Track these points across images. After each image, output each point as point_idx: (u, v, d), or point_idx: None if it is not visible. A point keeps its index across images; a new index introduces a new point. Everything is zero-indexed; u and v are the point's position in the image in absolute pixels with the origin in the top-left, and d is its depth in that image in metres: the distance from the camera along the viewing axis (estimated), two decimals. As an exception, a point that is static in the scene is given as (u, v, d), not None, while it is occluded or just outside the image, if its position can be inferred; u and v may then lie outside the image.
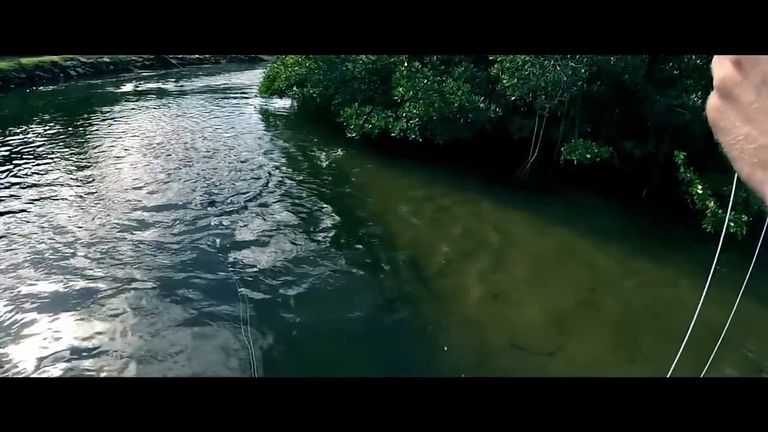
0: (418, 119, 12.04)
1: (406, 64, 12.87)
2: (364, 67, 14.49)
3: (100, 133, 14.88)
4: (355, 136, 12.96)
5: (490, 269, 7.73)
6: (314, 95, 15.68)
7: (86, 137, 14.31)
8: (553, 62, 10.07)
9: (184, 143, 13.94)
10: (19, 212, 8.69)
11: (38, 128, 14.93)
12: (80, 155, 12.40)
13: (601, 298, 7.16)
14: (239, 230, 8.41)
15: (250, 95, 21.92)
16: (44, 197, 9.41)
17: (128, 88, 24.05)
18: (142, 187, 10.20)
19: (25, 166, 11.26)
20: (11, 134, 14.00)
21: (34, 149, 12.61)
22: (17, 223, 8.26)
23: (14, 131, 14.37)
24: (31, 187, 9.99)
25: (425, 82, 12.12)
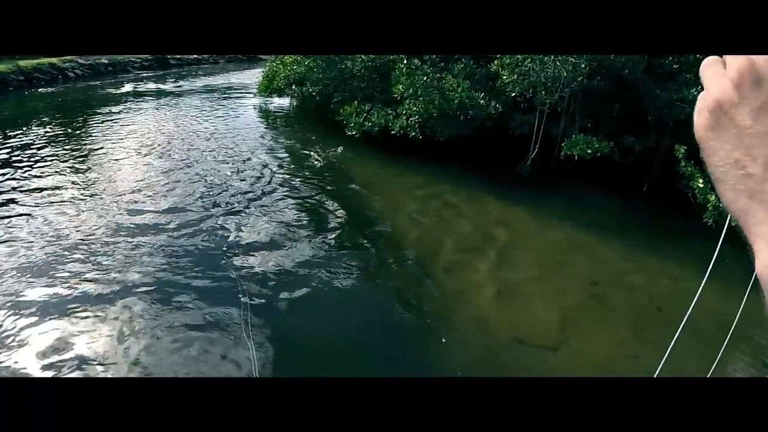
0: (418, 116, 12.02)
1: (405, 61, 12.85)
2: (363, 65, 14.46)
3: (100, 134, 14.88)
4: (355, 134, 12.95)
5: (493, 265, 7.74)
6: (313, 93, 15.66)
7: (86, 139, 14.31)
8: (553, 58, 10.05)
9: (184, 143, 13.94)
10: (20, 215, 8.68)
11: (38, 130, 14.94)
12: (80, 157, 12.40)
13: (604, 292, 7.17)
14: (242, 230, 8.41)
15: (249, 94, 21.90)
16: (45, 199, 9.41)
17: (127, 88, 24.04)
18: (143, 189, 10.20)
19: (25, 168, 11.26)
20: (11, 137, 13.99)
21: (34, 152, 12.61)
22: (18, 225, 8.26)
23: (13, 134, 14.36)
24: (31, 189, 9.97)
25: (425, 79, 12.10)
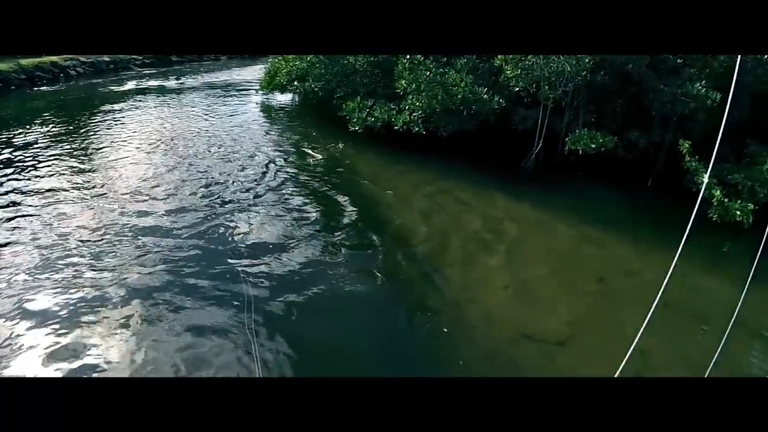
0: (421, 112, 12.01)
1: (408, 57, 12.82)
2: (365, 60, 14.44)
3: (102, 132, 14.93)
4: (358, 129, 12.94)
5: (501, 261, 7.74)
6: (316, 89, 15.65)
7: (89, 137, 14.34)
8: (555, 52, 10.00)
9: (188, 141, 13.96)
10: (24, 216, 8.72)
11: (40, 129, 14.99)
12: (83, 156, 12.44)
13: (610, 288, 7.15)
14: (248, 228, 8.42)
15: (251, 91, 21.89)
16: (48, 199, 9.44)
17: (129, 86, 24.07)
18: (147, 188, 10.21)
19: (28, 168, 11.31)
20: (13, 136, 14.06)
21: (37, 151, 12.67)
22: (22, 226, 8.28)
23: (16, 132, 14.44)
24: (35, 188, 10.02)
25: (427, 74, 12.08)
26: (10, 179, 10.57)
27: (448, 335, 5.94)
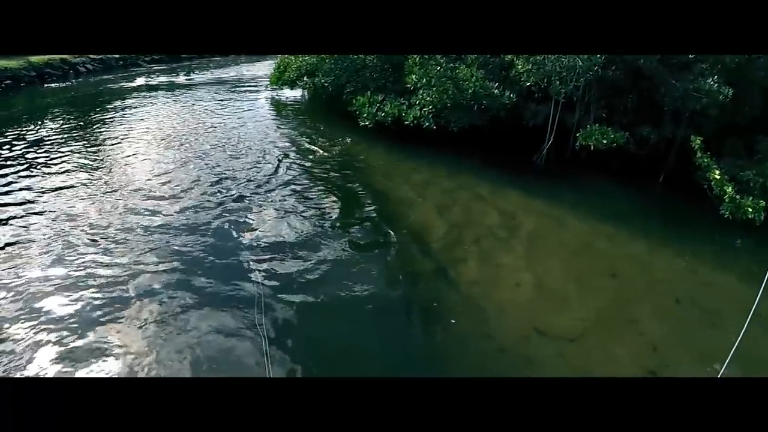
0: (431, 107, 12.02)
1: (418, 52, 12.82)
2: (375, 55, 14.43)
3: (113, 128, 15.09)
4: (368, 124, 12.98)
5: (514, 256, 7.80)
6: (326, 84, 15.68)
7: (100, 133, 14.50)
8: (567, 48, 9.96)
9: (199, 136, 14.09)
10: (36, 213, 8.86)
11: (52, 125, 15.19)
12: (94, 152, 12.60)
13: (622, 284, 7.17)
14: (261, 226, 8.54)
15: (261, 86, 21.94)
16: (59, 197, 9.59)
17: (139, 82, 24.20)
18: (158, 185, 10.35)
19: (39, 164, 11.49)
20: (26, 132, 14.25)
21: (47, 147, 12.85)
22: (34, 222, 8.43)
23: (28, 128, 14.63)
24: (46, 185, 10.18)
25: (438, 69, 12.07)
26: (21, 176, 10.73)
27: (461, 330, 6.02)
